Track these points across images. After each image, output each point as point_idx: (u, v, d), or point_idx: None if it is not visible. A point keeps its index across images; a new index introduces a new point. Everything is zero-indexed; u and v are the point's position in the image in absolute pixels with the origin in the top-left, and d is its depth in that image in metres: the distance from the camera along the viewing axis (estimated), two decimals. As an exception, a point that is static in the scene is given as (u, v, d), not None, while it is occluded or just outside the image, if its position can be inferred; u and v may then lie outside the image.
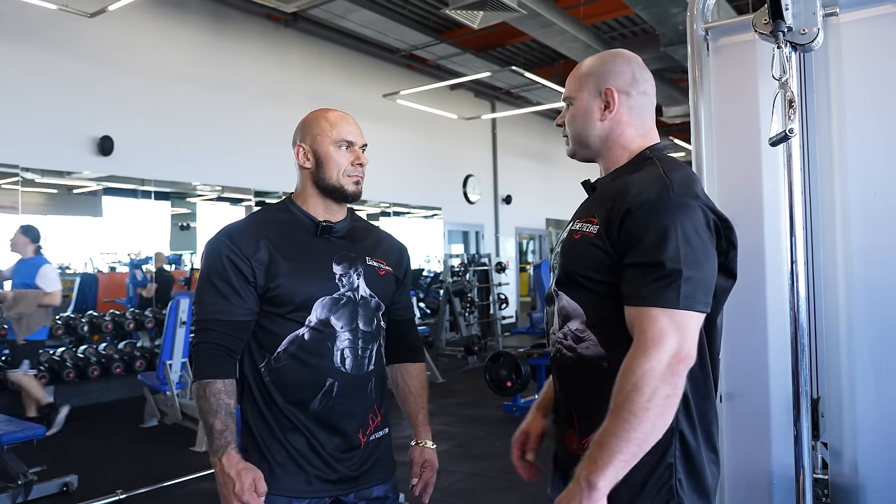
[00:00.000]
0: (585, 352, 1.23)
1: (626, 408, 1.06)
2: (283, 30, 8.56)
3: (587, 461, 1.09)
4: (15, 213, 6.27)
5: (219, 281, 1.47)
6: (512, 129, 12.75)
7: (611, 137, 1.31)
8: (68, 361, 6.02)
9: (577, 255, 1.24)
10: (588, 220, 1.25)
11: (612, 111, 1.29)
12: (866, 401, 1.57)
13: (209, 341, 1.46)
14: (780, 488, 1.65)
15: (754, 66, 1.73)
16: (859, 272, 1.58)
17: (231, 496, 1.39)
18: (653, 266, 1.12)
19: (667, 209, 1.14)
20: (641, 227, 1.14)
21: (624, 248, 1.16)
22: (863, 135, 1.59)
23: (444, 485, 3.89)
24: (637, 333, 1.11)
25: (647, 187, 1.18)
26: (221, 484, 1.41)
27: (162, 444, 4.99)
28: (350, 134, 1.56)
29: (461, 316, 9.21)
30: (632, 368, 1.08)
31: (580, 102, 1.32)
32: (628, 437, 1.06)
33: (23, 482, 3.69)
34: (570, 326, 1.26)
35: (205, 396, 1.44)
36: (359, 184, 1.57)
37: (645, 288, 1.11)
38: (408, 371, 1.74)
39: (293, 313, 1.48)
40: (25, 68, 6.27)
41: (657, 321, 1.09)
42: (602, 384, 1.17)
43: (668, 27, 7.57)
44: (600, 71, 1.31)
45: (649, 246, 1.12)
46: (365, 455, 1.54)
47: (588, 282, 1.22)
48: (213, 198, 8.05)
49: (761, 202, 1.69)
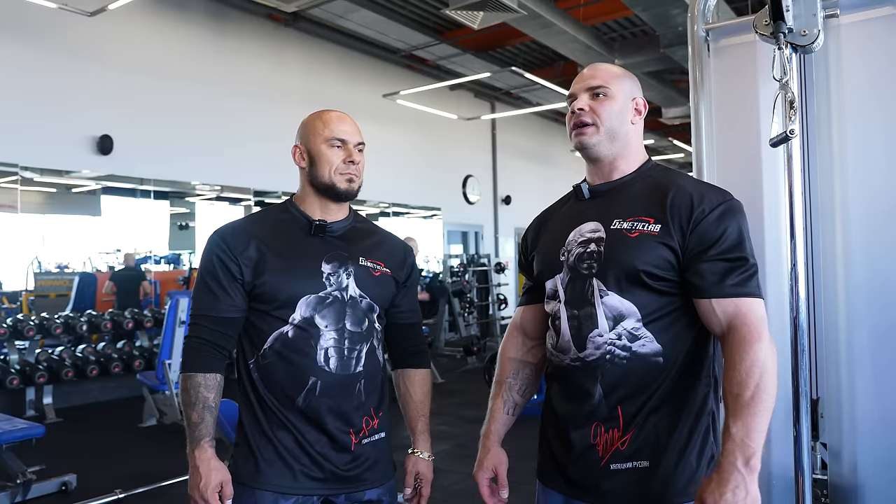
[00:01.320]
0: (641, 349, 1.27)
1: (762, 390, 1.16)
2: (283, 29, 8.55)
3: (738, 448, 1.13)
4: (14, 211, 6.27)
5: (209, 279, 1.52)
6: (511, 130, 12.75)
7: (631, 142, 1.40)
8: (67, 361, 6.01)
9: (642, 253, 1.27)
10: (641, 219, 1.29)
11: (641, 118, 1.41)
12: (866, 402, 1.57)
13: (197, 336, 1.52)
14: (779, 489, 1.65)
15: (755, 67, 1.73)
16: (859, 273, 1.59)
17: (195, 491, 1.43)
18: (738, 260, 1.23)
19: (737, 210, 1.28)
20: (721, 225, 1.25)
21: (698, 245, 1.25)
22: (863, 136, 1.60)
23: (444, 485, 3.89)
24: (739, 323, 1.21)
25: (710, 191, 1.31)
26: (190, 476, 1.46)
27: (161, 444, 4.98)
28: (343, 133, 1.56)
29: (460, 316, 9.22)
30: (755, 355, 1.18)
31: (619, 98, 1.38)
32: (767, 416, 1.17)
33: (21, 481, 3.68)
34: (624, 326, 1.28)
35: (186, 389, 1.50)
36: (352, 181, 1.56)
37: (735, 280, 1.22)
38: (410, 377, 1.73)
39: (278, 310, 1.50)
40: (25, 67, 6.27)
41: (755, 309, 1.22)
42: (657, 378, 1.27)
43: (668, 28, 7.57)
44: (633, 81, 1.43)
45: (732, 243, 1.24)
46: (359, 458, 1.53)
47: (651, 279, 1.27)
48: (212, 197, 8.05)
49: (761, 203, 1.69)
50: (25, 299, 6.54)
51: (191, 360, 1.51)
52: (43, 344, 6.19)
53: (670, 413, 1.27)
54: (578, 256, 1.34)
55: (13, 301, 6.51)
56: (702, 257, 1.24)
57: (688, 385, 1.28)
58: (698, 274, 1.24)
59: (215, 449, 1.48)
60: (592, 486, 1.30)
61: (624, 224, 1.30)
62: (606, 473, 1.28)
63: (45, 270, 6.68)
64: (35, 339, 5.86)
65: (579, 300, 1.32)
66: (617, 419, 1.28)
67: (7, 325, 5.64)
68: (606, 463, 1.28)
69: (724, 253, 1.23)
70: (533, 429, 1.50)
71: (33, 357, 5.95)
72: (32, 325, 5.74)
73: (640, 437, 1.27)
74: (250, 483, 1.48)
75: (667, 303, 1.27)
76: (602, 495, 1.29)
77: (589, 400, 1.30)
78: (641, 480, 1.26)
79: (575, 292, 1.34)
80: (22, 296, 6.54)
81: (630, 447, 1.27)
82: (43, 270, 6.67)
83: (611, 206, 1.35)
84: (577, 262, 1.34)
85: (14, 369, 5.72)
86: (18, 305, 6.49)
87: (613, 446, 1.28)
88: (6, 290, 6.48)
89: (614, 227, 1.31)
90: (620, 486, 1.27)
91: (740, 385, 1.17)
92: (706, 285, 1.23)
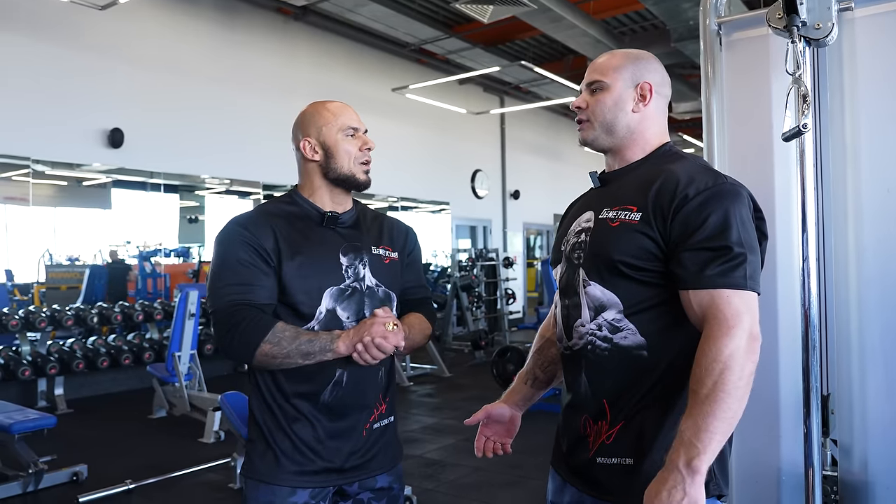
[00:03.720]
0: (623, 342, 1.24)
1: (720, 388, 1.09)
2: (293, 23, 8.56)
3: (683, 447, 1.09)
4: (25, 204, 6.32)
5: (239, 267, 1.44)
6: (520, 124, 12.72)
7: (637, 130, 1.34)
8: (78, 352, 6.06)
9: (619, 243, 1.23)
10: (624, 207, 1.25)
11: (646, 104, 1.34)
12: (877, 398, 1.56)
13: (242, 317, 1.40)
14: (788, 485, 1.64)
15: (767, 61, 1.71)
16: (871, 269, 1.57)
17: (362, 336, 1.40)
18: (720, 249, 1.15)
19: (726, 195, 1.19)
20: (703, 212, 1.17)
21: (680, 233, 1.18)
22: (876, 130, 1.58)
23: (451, 479, 3.90)
24: (711, 316, 1.14)
25: (700, 175, 1.22)
26: (349, 338, 1.41)
27: (170, 435, 5.02)
28: (353, 121, 1.57)
29: (468, 311, 9.22)
30: (718, 350, 1.11)
31: (614, 89, 1.33)
32: (725, 417, 1.09)
33: (33, 471, 3.72)
34: (605, 317, 1.25)
35: (273, 356, 1.40)
36: (368, 172, 1.58)
37: (714, 271, 1.14)
38: (409, 314, 1.64)
39: (304, 304, 1.48)
40: (36, 61, 6.30)
41: (731, 302, 1.13)
42: (641, 373, 1.22)
43: (679, 22, 7.52)
44: (637, 65, 1.35)
45: (714, 230, 1.16)
46: (369, 443, 1.54)
47: (630, 269, 1.22)
48: (222, 191, 8.08)
49: (773, 198, 1.68)
50: (37, 291, 6.60)
51: (251, 333, 1.39)
52: (54, 336, 6.25)
53: (659, 411, 1.22)
54: (572, 246, 1.34)
55: (25, 293, 6.57)
56: (683, 246, 1.18)
57: (680, 383, 1.21)
58: (680, 264, 1.18)
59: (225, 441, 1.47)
60: (584, 474, 1.30)
61: (610, 213, 1.27)
62: (594, 466, 1.27)
63: (56, 263, 6.73)
64: (46, 330, 5.91)
65: (569, 289, 1.32)
66: (604, 412, 1.26)
67: (19, 317, 5.70)
68: (594, 455, 1.27)
69: (706, 241, 1.16)
70: (543, 424, 1.50)
71: (45, 348, 6.01)
72: (44, 316, 5.80)
73: (626, 434, 1.24)
74: (269, 479, 1.47)
75: (652, 294, 1.22)
76: (591, 485, 1.29)
77: (577, 390, 1.31)
78: (625, 476, 1.23)
79: (567, 282, 1.34)
80: (34, 288, 6.60)
81: (615, 442, 1.25)
82: (54, 263, 6.71)
83: (606, 195, 1.33)
84: (571, 252, 1.34)
85: (26, 360, 5.78)
86: (30, 297, 6.55)
87: (600, 439, 1.27)
88: (18, 283, 6.53)
89: (601, 217, 1.29)
90: (606, 479, 1.26)
91: (697, 380, 1.11)
92: (686, 275, 1.17)
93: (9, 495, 3.69)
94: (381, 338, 1.40)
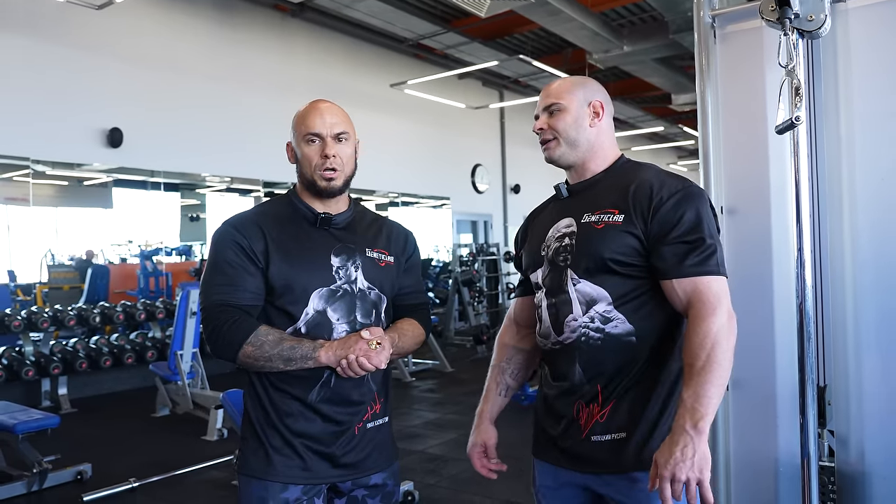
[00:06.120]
0: (614, 330, 1.37)
1: (714, 360, 1.25)
2: (290, 20, 8.55)
3: (687, 412, 1.23)
4: (26, 204, 6.33)
5: (227, 268, 1.48)
6: (520, 118, 12.69)
7: (596, 143, 1.49)
8: (81, 352, 6.08)
9: (609, 242, 1.37)
10: (606, 211, 1.40)
11: (600, 120, 1.49)
12: (873, 389, 1.57)
13: (226, 318, 1.45)
14: (785, 476, 1.65)
15: (761, 53, 1.72)
16: (866, 259, 1.58)
17: (349, 352, 1.43)
18: (696, 242, 1.32)
19: (695, 196, 1.36)
20: (678, 211, 1.34)
21: (658, 230, 1.34)
22: (870, 121, 1.58)
23: (453, 473, 3.91)
24: (696, 300, 1.30)
25: (668, 179, 1.40)
26: (339, 349, 1.44)
27: (173, 434, 5.04)
28: (316, 126, 1.52)
29: (470, 305, 9.23)
30: (707, 328, 1.27)
31: (571, 109, 1.48)
32: (718, 383, 1.25)
33: (38, 470, 3.74)
34: (596, 310, 1.39)
35: (254, 358, 1.44)
36: (331, 180, 1.53)
37: (693, 261, 1.31)
38: (401, 320, 1.65)
39: (290, 304, 1.49)
40: (34, 61, 6.30)
41: (711, 287, 1.30)
42: (631, 356, 1.37)
43: (677, 14, 7.51)
44: (586, 87, 1.52)
45: (690, 226, 1.33)
46: (363, 442, 1.55)
47: (618, 265, 1.37)
48: (223, 189, 8.08)
49: (768, 189, 1.69)
50: (39, 291, 6.62)
51: (234, 334, 1.43)
52: (57, 335, 6.26)
53: (645, 388, 1.38)
54: (556, 250, 1.45)
55: (27, 293, 6.59)
56: (663, 241, 1.34)
57: (661, 361, 1.38)
58: (661, 257, 1.34)
59: (228, 438, 1.49)
60: (577, 455, 1.41)
61: (592, 217, 1.42)
62: (588, 445, 1.39)
63: (58, 263, 6.75)
64: (49, 330, 5.94)
65: (556, 289, 1.44)
66: (596, 395, 1.39)
67: (22, 318, 5.71)
68: (588, 435, 1.39)
69: (683, 236, 1.32)
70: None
71: (48, 348, 6.03)
72: (47, 316, 5.82)
73: (617, 411, 1.37)
74: (261, 475, 1.49)
75: (636, 286, 1.37)
76: (585, 463, 1.41)
77: (570, 379, 1.42)
78: (619, 448, 1.37)
79: (553, 282, 1.45)
80: (36, 288, 6.62)
81: (608, 420, 1.38)
82: (56, 263, 6.73)
83: (582, 203, 1.47)
84: (555, 255, 1.46)
85: (29, 361, 5.79)
86: (33, 297, 6.57)
87: (593, 419, 1.39)
88: (20, 283, 6.55)
89: (584, 221, 1.43)
90: (600, 454, 1.38)
91: (692, 355, 1.26)
92: (667, 267, 1.33)
93: (13, 495, 3.71)
94: (363, 357, 1.44)
